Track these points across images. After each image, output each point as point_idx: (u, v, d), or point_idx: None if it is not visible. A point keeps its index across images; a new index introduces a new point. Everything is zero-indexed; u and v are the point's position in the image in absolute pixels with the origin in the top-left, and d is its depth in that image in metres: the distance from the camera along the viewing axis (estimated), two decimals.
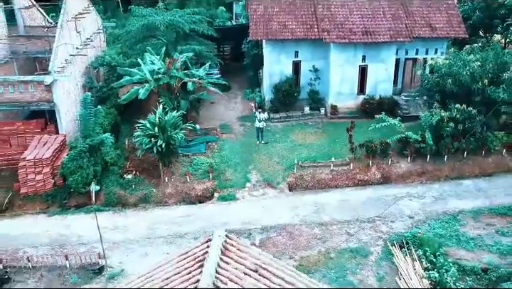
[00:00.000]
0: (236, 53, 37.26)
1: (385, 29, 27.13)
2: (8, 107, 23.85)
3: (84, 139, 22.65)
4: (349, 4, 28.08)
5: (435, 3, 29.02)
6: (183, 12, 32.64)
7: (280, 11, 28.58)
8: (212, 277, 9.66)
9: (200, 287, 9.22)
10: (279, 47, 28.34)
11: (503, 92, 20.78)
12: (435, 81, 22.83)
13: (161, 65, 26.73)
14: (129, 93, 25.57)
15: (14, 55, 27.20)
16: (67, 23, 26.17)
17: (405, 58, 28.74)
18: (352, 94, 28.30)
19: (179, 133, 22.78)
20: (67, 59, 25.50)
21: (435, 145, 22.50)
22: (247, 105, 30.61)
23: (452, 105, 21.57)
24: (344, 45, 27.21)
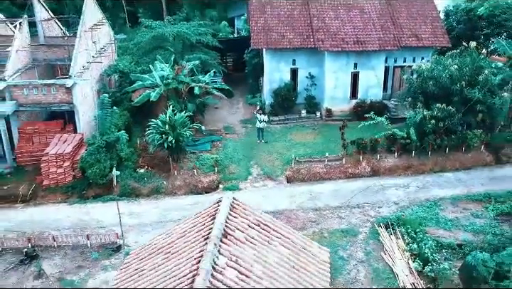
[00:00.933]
0: (238, 64, 39.77)
1: (375, 39, 29.61)
2: (32, 107, 26.19)
3: (101, 136, 24.94)
4: (342, 17, 30.60)
5: (421, 16, 31.58)
6: (190, 25, 35.26)
7: (279, 23, 31.10)
8: (222, 226, 11.86)
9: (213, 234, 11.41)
10: (278, 55, 30.82)
11: (479, 92, 23.12)
12: (419, 84, 25.19)
13: (170, 72, 29.15)
14: (142, 96, 27.92)
15: (35, 62, 29.58)
16: (85, 33, 28.70)
17: (394, 66, 31.20)
18: (345, 98, 30.68)
19: (187, 131, 25.10)
20: (85, 65, 27.97)
21: (419, 142, 24.76)
22: (248, 110, 32.96)
23: (434, 105, 23.89)
24: (337, 53, 29.67)
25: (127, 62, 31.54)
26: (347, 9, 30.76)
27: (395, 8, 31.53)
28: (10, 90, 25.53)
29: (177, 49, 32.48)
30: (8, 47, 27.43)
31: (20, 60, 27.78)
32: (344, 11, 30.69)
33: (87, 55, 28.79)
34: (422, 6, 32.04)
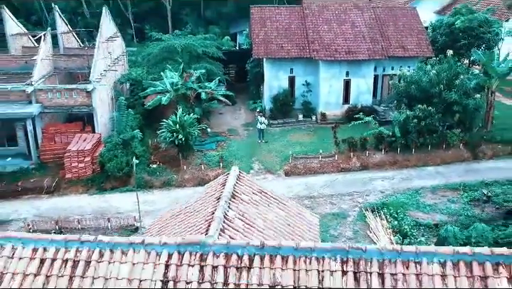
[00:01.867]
0: (240, 75, 42.69)
1: (364, 49, 32.54)
2: (55, 109, 29.00)
3: (118, 135, 27.70)
4: (335, 29, 33.56)
5: (407, 29, 34.58)
6: (196, 38, 38.34)
7: (278, 35, 34.07)
8: (231, 190, 14.50)
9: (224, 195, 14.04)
10: (277, 64, 33.74)
11: (455, 94, 25.91)
12: (403, 88, 28.00)
13: (178, 79, 32.01)
14: (154, 100, 30.74)
15: (56, 70, 32.49)
16: (102, 44, 31.62)
17: (383, 75, 34.10)
18: (338, 103, 33.51)
19: (195, 130, 27.87)
20: (102, 72, 30.83)
21: (404, 140, 27.48)
22: (250, 115, 35.73)
23: (416, 106, 26.66)
24: (331, 62, 32.59)
25: (139, 72, 34.47)
26: (339, 23, 33.78)
27: (383, 22, 34.60)
28: (36, 94, 28.36)
29: (184, 60, 35.40)
30: (34, 56, 30.38)
31: (44, 67, 30.67)
32: (337, 25, 33.70)
33: (104, 64, 31.71)
34: (408, 20, 35.11)
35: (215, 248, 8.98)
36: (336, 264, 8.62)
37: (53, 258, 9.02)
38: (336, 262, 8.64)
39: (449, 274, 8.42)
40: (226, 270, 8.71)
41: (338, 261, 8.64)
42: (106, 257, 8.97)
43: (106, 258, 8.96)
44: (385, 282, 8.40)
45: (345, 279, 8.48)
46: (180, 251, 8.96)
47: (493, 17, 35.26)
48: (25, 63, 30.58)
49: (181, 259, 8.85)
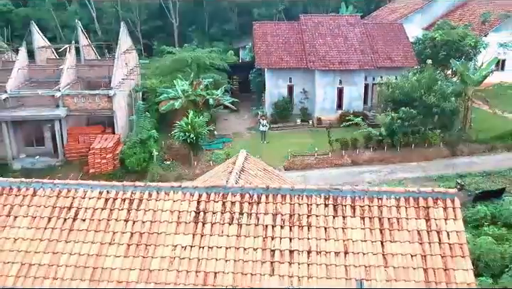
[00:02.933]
0: (243, 86, 46.22)
1: (356, 60, 36.13)
2: (80, 113, 32.42)
3: (136, 135, 31.08)
4: (329, 43, 37.18)
5: (394, 43, 38.19)
6: (203, 51, 42.06)
7: (278, 48, 37.72)
8: (240, 166, 17.82)
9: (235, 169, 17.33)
10: (277, 74, 37.33)
11: (433, 98, 29.32)
12: (389, 93, 31.43)
13: (189, 87, 35.50)
14: (167, 105, 34.20)
15: (79, 78, 36.00)
16: (120, 55, 35.19)
17: (373, 83, 37.59)
18: (332, 109, 36.98)
19: (205, 130, 31.27)
20: (121, 81, 34.32)
21: (390, 139, 30.81)
22: (253, 121, 39.14)
23: (400, 109, 30.06)
24: (325, 72, 36.15)
25: (153, 81, 38.05)
26: (333, 37, 37.43)
27: (373, 36, 38.26)
28: (63, 99, 31.81)
29: (194, 70, 38.98)
30: (60, 66, 33.92)
31: (69, 76, 34.16)
32: (331, 38, 37.34)
33: (122, 73, 35.21)
34: (395, 34, 38.78)
35: (233, 190, 12.27)
36: (320, 199, 11.88)
37: (114, 197, 12.29)
38: (320, 198, 11.90)
39: (401, 205, 11.67)
40: (241, 204, 11.95)
41: (322, 197, 11.90)
42: (153, 196, 12.23)
43: (153, 196, 12.22)
44: (356, 211, 11.67)
45: (326, 209, 11.74)
46: (208, 192, 12.23)
47: (473, 32, 38.86)
48: (53, 72, 34.08)
49: (209, 197, 12.11)
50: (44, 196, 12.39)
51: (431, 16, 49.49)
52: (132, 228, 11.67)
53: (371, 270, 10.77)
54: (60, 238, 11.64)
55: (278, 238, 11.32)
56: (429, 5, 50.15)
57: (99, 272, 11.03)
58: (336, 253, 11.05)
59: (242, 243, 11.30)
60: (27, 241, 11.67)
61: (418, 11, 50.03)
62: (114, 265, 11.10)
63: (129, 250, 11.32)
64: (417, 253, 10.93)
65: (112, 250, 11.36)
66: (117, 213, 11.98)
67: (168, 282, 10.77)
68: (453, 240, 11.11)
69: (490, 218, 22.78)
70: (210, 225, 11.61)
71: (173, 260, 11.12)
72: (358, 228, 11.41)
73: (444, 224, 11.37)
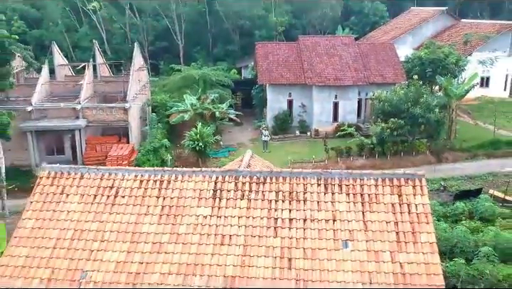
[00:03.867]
0: (245, 102, 49.31)
1: (350, 77, 39.23)
2: (97, 123, 35.34)
3: (150, 143, 33.97)
4: (325, 61, 40.34)
5: (386, 61, 41.36)
6: (209, 69, 45.26)
7: (278, 66, 40.88)
8: (247, 162, 20.69)
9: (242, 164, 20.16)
10: (278, 90, 40.40)
11: (419, 109, 32.30)
12: (379, 106, 34.42)
13: (196, 101, 38.54)
14: (178, 117, 37.18)
15: (96, 93, 39.05)
16: (134, 72, 38.31)
17: (366, 98, 40.62)
18: (328, 121, 39.93)
19: (211, 139, 34.18)
20: (134, 95, 37.36)
21: (381, 148, 33.66)
22: (255, 133, 42.07)
23: (389, 120, 32.99)
24: (322, 87, 39.23)
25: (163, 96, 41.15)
26: (329, 56, 40.61)
27: (366, 55, 41.44)
28: (83, 111, 34.77)
29: (200, 86, 42.09)
30: (79, 82, 37.00)
31: (87, 91, 37.19)
32: (327, 57, 40.52)
33: (135, 89, 38.28)
34: (386, 53, 41.96)
35: (243, 173, 15.10)
36: (314, 180, 14.69)
37: (147, 179, 15.08)
38: (314, 178, 14.71)
39: (379, 184, 14.47)
40: (250, 184, 14.74)
41: (315, 178, 14.72)
42: (179, 178, 15.03)
43: (179, 178, 15.02)
44: (342, 189, 14.48)
45: (319, 187, 14.55)
46: (223, 175, 15.05)
47: (458, 51, 42.02)
48: (73, 87, 37.14)
49: (224, 179, 14.91)
50: (90, 179, 15.24)
51: (421, 37, 52.78)
52: (163, 202, 14.49)
53: (354, 233, 13.54)
54: (105, 211, 14.45)
55: (280, 209, 14.12)
56: (419, 27, 53.57)
57: (138, 236, 13.81)
58: (326, 220, 13.84)
59: (251, 213, 14.10)
60: (78, 213, 14.48)
61: (409, 33, 53.40)
62: (149, 230, 13.89)
63: (160, 219, 14.11)
64: (391, 220, 13.71)
65: (147, 219, 14.16)
66: (150, 191, 14.80)
67: (193, 242, 13.54)
68: (419, 211, 13.91)
69: (467, 214, 25.51)
70: (225, 200, 14.42)
71: (196, 226, 13.91)
72: (343, 201, 14.21)
73: (412, 198, 14.18)
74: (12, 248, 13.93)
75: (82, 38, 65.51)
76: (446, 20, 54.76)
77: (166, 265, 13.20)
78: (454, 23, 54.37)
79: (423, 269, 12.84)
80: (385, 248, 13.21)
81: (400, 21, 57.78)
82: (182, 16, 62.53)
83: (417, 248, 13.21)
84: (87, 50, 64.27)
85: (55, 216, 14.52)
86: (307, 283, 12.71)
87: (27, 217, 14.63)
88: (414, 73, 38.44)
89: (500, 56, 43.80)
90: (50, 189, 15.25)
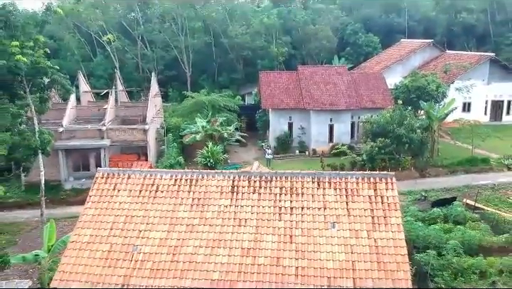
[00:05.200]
0: (249, 125, 53.82)
1: (343, 102, 43.82)
2: (120, 143, 39.74)
3: (167, 160, 38.30)
4: (321, 88, 44.99)
5: (375, 88, 46.05)
6: (216, 95, 49.98)
7: (280, 92, 45.54)
8: (256, 168, 25.03)
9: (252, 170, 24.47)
10: (279, 114, 44.95)
11: (403, 130, 36.74)
12: (368, 127, 38.87)
13: (206, 124, 43.05)
14: (190, 138, 41.60)
15: (116, 116, 43.59)
16: (151, 98, 42.95)
17: (358, 121, 45.13)
18: (325, 142, 44.33)
19: (221, 157, 38.54)
20: (152, 118, 41.88)
21: (370, 164, 37.93)
22: (259, 152, 46.41)
23: (377, 139, 37.39)
24: (319, 111, 43.76)
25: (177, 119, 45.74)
26: (325, 83, 45.31)
27: (358, 83, 46.15)
28: (107, 132, 39.21)
29: (209, 111, 46.68)
30: (104, 106, 41.59)
31: (110, 114, 41.75)
32: (323, 85, 45.21)
33: (152, 113, 42.85)
34: (376, 81, 46.69)
35: (254, 174, 19.45)
36: (309, 178, 18.95)
37: (180, 178, 19.38)
38: (309, 178, 18.99)
39: (359, 182, 18.79)
40: (260, 182, 19.05)
41: (310, 177, 19.00)
42: (205, 177, 19.33)
43: (205, 178, 19.32)
44: (331, 185, 18.75)
45: (313, 184, 18.83)
46: (239, 175, 19.37)
47: (440, 79, 46.64)
48: (98, 111, 41.72)
49: (239, 178, 19.22)
50: (135, 178, 19.55)
51: (410, 67, 57.55)
52: (193, 195, 18.77)
53: (340, 217, 17.75)
54: (148, 202, 18.72)
55: (283, 200, 18.37)
56: (407, 57, 58.53)
57: (175, 220, 18.04)
58: (318, 208, 18.07)
59: (261, 203, 18.35)
60: (128, 203, 18.74)
61: (399, 63, 58.28)
62: (183, 216, 18.14)
63: (192, 208, 18.38)
64: (368, 208, 17.95)
65: (181, 207, 18.42)
66: (183, 187, 19.08)
67: (217, 224, 17.78)
68: (390, 201, 18.19)
69: (443, 218, 29.64)
70: (241, 193, 18.70)
71: (219, 212, 18.16)
72: (332, 194, 18.46)
73: (385, 192, 18.47)
74: (78, 230, 18.17)
75: (97, 67, 70.24)
76: (432, 51, 59.74)
77: (197, 241, 17.39)
78: (439, 53, 59.30)
79: (391, 243, 17.02)
80: (363, 228, 17.41)
81: (391, 52, 62.75)
82: (190, 47, 66.96)
83: (387, 228, 17.41)
84: (101, 78, 69.24)
85: (109, 206, 18.79)
86: (304, 253, 16.89)
87: (88, 207, 18.93)
88: (401, 99, 43.11)
89: (475, 84, 48.67)
90: (104, 186, 19.51)
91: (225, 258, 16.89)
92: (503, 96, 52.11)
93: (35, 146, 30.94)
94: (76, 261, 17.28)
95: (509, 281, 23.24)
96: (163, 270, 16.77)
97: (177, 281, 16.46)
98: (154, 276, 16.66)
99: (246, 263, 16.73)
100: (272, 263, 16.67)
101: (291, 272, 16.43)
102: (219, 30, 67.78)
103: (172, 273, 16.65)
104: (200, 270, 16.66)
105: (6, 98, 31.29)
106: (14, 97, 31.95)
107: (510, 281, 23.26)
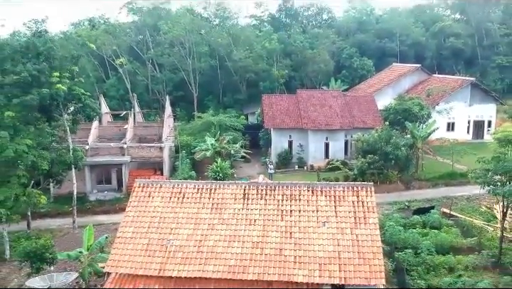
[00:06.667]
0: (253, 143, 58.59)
1: (337, 123, 48.69)
2: (139, 159, 44.49)
3: (180, 174, 43.01)
4: (318, 110, 49.87)
5: (367, 110, 50.96)
6: (223, 116, 54.92)
7: (281, 114, 50.41)
8: (261, 180, 29.80)
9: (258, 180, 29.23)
10: (280, 133, 49.80)
11: (390, 148, 41.50)
12: (360, 145, 43.67)
13: (215, 142, 47.87)
14: (201, 155, 46.35)
15: (135, 136, 48.44)
16: (166, 119, 47.84)
17: (351, 140, 49.94)
18: (321, 158, 49.06)
19: (229, 171, 43.26)
20: (166, 137, 46.70)
21: (361, 178, 42.55)
22: (262, 168, 51.12)
23: (367, 156, 42.13)
24: (316, 131, 48.60)
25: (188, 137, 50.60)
26: (321, 106, 50.21)
27: (351, 105, 51.07)
28: (128, 149, 44.01)
29: (217, 130, 51.55)
30: (124, 126, 46.44)
31: (130, 133, 46.60)
32: (319, 107, 50.12)
33: (167, 132, 47.70)
34: (367, 104, 51.63)
35: (261, 183, 24.22)
36: (305, 187, 23.68)
37: (202, 187, 24.13)
38: (305, 187, 23.75)
39: (345, 190, 23.51)
40: (266, 190, 23.79)
41: (306, 186, 23.75)
42: (221, 187, 24.07)
43: (221, 187, 24.07)
44: (323, 193, 23.49)
45: (308, 192, 23.53)
46: (249, 185, 24.13)
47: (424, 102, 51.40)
48: (119, 131, 46.59)
49: (249, 187, 23.97)
50: (166, 187, 24.31)
51: (400, 89, 62.18)
52: (212, 201, 23.50)
53: (329, 218, 22.44)
54: (177, 206, 23.45)
55: (284, 204, 23.09)
56: (398, 81, 63.47)
57: (198, 220, 22.74)
58: (312, 211, 22.78)
59: (267, 207, 23.06)
60: (160, 207, 23.46)
61: (390, 86, 63.08)
62: (205, 217, 22.82)
63: (212, 211, 23.09)
64: (351, 211, 22.65)
65: (203, 210, 23.13)
66: (204, 195, 23.82)
67: (232, 224, 22.49)
68: (369, 205, 22.89)
69: (422, 224, 34.27)
70: (251, 199, 23.42)
71: (234, 214, 22.88)
72: (323, 200, 23.18)
73: (365, 198, 23.17)
74: (122, 228, 22.88)
75: (110, 88, 74.65)
76: (420, 74, 64.66)
77: (217, 236, 22.08)
78: (427, 77, 64.18)
79: (369, 238, 21.67)
80: (347, 226, 22.08)
81: (383, 76, 67.75)
82: (197, 69, 70.93)
83: (366, 227, 22.09)
84: (114, 99, 73.68)
85: (146, 209, 23.52)
86: (301, 246, 21.55)
87: (129, 210, 23.64)
88: (389, 120, 48.00)
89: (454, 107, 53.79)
90: (141, 194, 24.25)
91: (239, 249, 21.53)
92: (484, 116, 57.02)
93: (69, 161, 35.73)
94: (122, 252, 21.96)
95: (472, 275, 27.77)
96: (191, 258, 21.42)
97: (202, 267, 21.10)
98: (184, 263, 21.31)
99: (255, 253, 21.37)
100: (276, 253, 21.30)
101: (290, 260, 21.05)
102: (224, 54, 72.18)
103: (198, 261, 21.30)
104: (220, 258, 21.30)
105: (44, 120, 36.03)
106: (51, 119, 36.75)
107: (473, 275, 27.79)
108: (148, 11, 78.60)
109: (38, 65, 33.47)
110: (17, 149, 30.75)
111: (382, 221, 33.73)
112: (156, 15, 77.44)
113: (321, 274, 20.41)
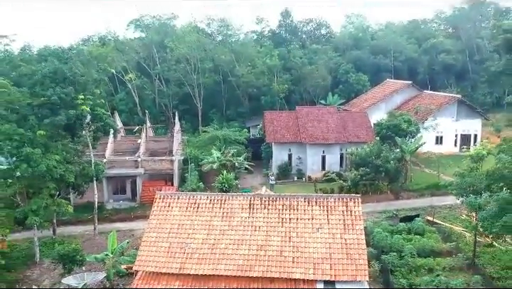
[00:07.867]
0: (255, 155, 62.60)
1: (333, 137, 52.75)
2: (151, 171, 48.51)
3: (189, 185, 47.04)
4: (315, 126, 53.94)
5: (360, 125, 55.06)
6: (228, 130, 59.03)
7: (281, 129, 54.48)
8: (264, 191, 33.91)
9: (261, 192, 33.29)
10: (281, 146, 53.83)
11: (380, 161, 45.54)
12: (353, 158, 47.72)
13: (220, 155, 51.93)
14: (208, 167, 50.35)
15: (147, 150, 52.53)
16: (176, 133, 51.90)
17: (346, 153, 53.96)
18: (318, 170, 53.03)
19: (234, 182, 47.28)
20: (176, 151, 50.72)
21: (355, 188, 46.58)
22: (263, 179, 55.07)
23: (360, 168, 46.18)
24: (313, 145, 52.68)
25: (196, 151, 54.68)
26: (318, 122, 54.29)
27: (345, 121, 55.14)
28: (142, 162, 48.07)
29: (222, 143, 55.64)
30: (138, 140, 50.52)
31: (143, 148, 50.68)
32: (317, 123, 54.20)
33: (177, 145, 51.74)
34: (361, 119, 55.72)
35: (264, 195, 28.28)
36: (302, 199, 27.67)
37: (214, 199, 28.19)
38: (302, 198, 27.77)
39: (336, 201, 27.49)
40: (268, 201, 27.82)
41: (303, 198, 27.75)
42: (230, 198, 28.08)
43: (230, 198, 28.08)
44: (317, 203, 27.54)
45: (305, 203, 27.50)
46: (254, 196, 28.20)
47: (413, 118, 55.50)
48: (133, 145, 50.67)
49: (254, 198, 28.00)
50: (183, 199, 28.34)
51: (392, 105, 66.17)
52: (223, 210, 27.48)
53: (322, 225, 26.40)
54: (193, 214, 27.44)
55: (284, 213, 27.03)
56: (390, 96, 67.54)
57: (211, 226, 26.72)
58: (308, 219, 26.74)
59: (269, 215, 27.02)
60: (178, 216, 27.43)
61: (383, 101, 67.01)
62: (217, 224, 26.79)
63: (222, 218, 27.07)
64: (341, 219, 26.62)
65: (215, 218, 27.11)
66: (216, 205, 27.83)
67: (240, 230, 26.53)
68: (356, 214, 26.80)
69: (407, 230, 38.24)
70: (256, 209, 27.43)
71: (241, 222, 26.91)
72: (317, 210, 27.15)
73: (353, 208, 27.09)
74: (147, 233, 26.87)
75: (119, 102, 78.41)
76: (411, 91, 68.61)
77: (227, 240, 26.00)
78: (418, 93, 68.12)
79: (356, 241, 25.56)
80: (337, 232, 26.01)
81: (377, 91, 71.77)
82: (201, 84, 74.85)
83: (354, 232, 26.02)
84: (123, 113, 77.39)
85: (166, 217, 27.48)
86: (298, 248, 25.55)
87: (152, 218, 27.63)
88: (380, 135, 52.11)
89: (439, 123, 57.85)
90: (162, 204, 28.22)
91: (246, 251, 25.45)
92: (470, 130, 61.08)
93: (92, 174, 39.82)
94: (147, 254, 25.93)
95: (449, 275, 31.66)
96: (206, 259, 25.35)
97: (215, 266, 25.03)
98: (200, 263, 25.23)
99: (260, 254, 25.30)
100: (277, 254, 25.20)
101: (289, 260, 24.93)
102: (227, 70, 76.11)
103: (211, 261, 25.22)
104: (230, 259, 25.21)
105: (68, 137, 40.13)
106: (74, 136, 40.87)
107: (450, 275, 31.69)
108: (154, 27, 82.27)
109: (65, 88, 37.48)
110: (48, 164, 34.74)
111: (372, 227, 37.78)
112: (162, 32, 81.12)
113: (315, 272, 24.30)
